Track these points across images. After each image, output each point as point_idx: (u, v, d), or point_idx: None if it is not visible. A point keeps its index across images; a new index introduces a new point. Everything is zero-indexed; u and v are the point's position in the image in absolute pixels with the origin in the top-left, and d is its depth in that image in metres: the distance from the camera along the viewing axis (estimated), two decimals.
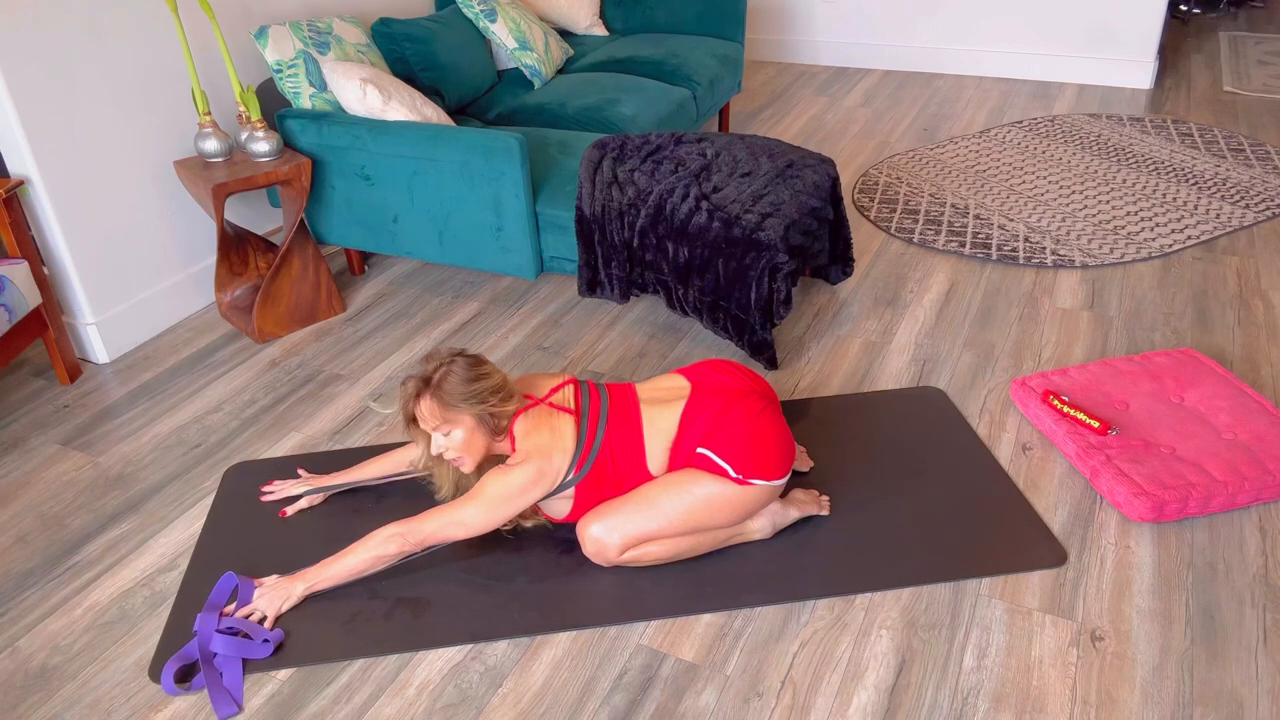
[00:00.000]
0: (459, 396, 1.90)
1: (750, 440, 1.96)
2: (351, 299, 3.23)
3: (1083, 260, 3.24)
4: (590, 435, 1.99)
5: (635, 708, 1.76)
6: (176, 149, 3.02)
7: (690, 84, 3.84)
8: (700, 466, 1.98)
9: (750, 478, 1.96)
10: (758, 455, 1.96)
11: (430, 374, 1.93)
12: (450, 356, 1.95)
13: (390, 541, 1.93)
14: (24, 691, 1.85)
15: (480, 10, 3.65)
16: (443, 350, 1.98)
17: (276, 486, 2.31)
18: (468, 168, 2.82)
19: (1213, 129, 4.33)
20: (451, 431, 1.92)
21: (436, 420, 1.91)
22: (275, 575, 2.03)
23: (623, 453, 2.00)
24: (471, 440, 1.94)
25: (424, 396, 1.92)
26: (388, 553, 1.94)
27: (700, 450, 1.97)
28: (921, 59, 5.37)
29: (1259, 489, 2.13)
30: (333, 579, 1.97)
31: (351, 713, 1.77)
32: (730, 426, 1.97)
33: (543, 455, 1.94)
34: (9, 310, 2.50)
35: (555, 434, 1.97)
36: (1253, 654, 1.82)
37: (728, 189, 2.71)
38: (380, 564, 1.97)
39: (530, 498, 1.94)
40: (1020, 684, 1.78)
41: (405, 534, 1.93)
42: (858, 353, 2.79)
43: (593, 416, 2.01)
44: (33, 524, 2.28)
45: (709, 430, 1.97)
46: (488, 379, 1.93)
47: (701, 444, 1.97)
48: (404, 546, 1.93)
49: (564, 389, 2.05)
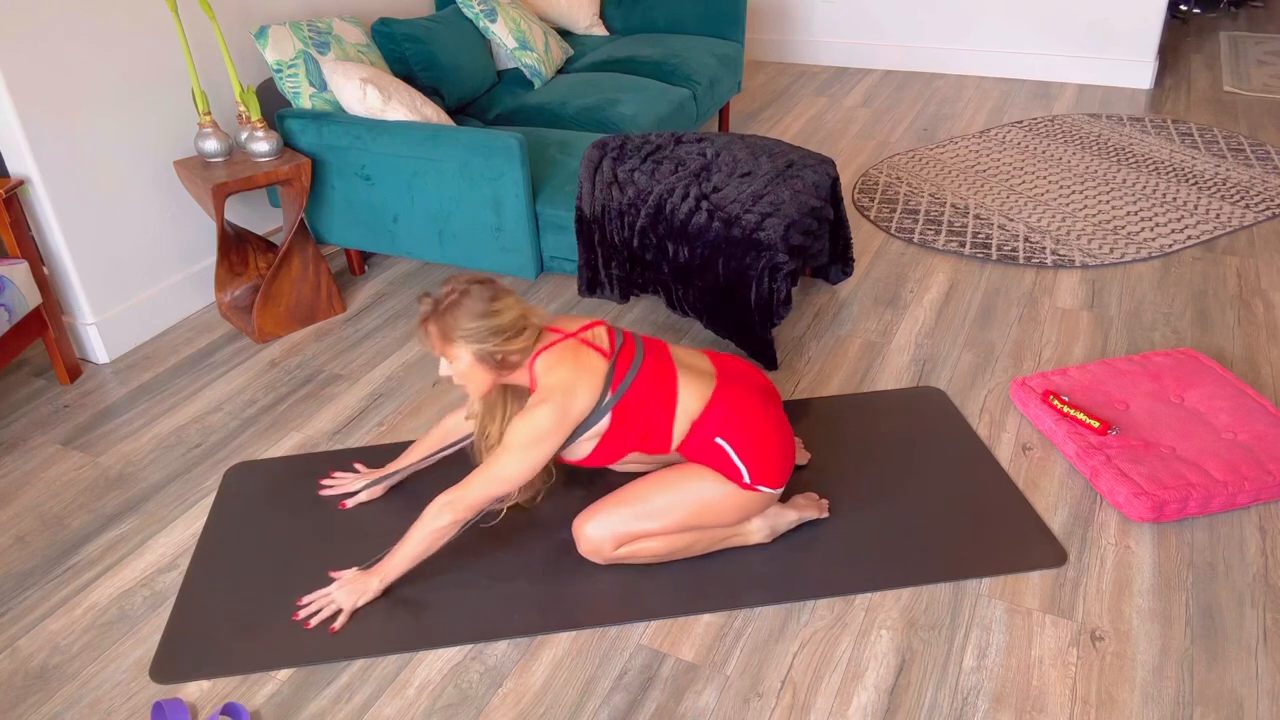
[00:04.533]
0: (458, 331, 1.84)
1: (766, 445, 1.95)
2: (351, 299, 3.23)
3: (1083, 260, 3.24)
4: (621, 373, 1.92)
5: (635, 708, 1.76)
6: (176, 149, 3.02)
7: (690, 84, 3.84)
8: (709, 458, 1.96)
9: (757, 483, 1.96)
10: (771, 461, 1.96)
11: (440, 299, 1.86)
12: (467, 285, 1.87)
13: (442, 514, 1.90)
14: (24, 691, 1.85)
15: (480, 10, 3.65)
16: (463, 277, 1.89)
17: (336, 480, 2.31)
18: (467, 168, 2.82)
19: (1213, 129, 4.33)
20: (454, 361, 1.88)
21: (438, 348, 1.88)
22: (354, 568, 2.04)
23: (654, 402, 1.94)
24: (471, 373, 1.89)
25: (430, 321, 1.87)
26: (442, 525, 1.90)
27: (718, 440, 1.94)
28: (921, 59, 5.37)
29: (1259, 489, 2.13)
30: (402, 567, 1.96)
31: (351, 713, 1.77)
32: (751, 427, 1.95)
33: (564, 393, 1.87)
34: (9, 310, 2.50)
35: (580, 370, 1.89)
36: (1253, 654, 1.82)
37: (728, 189, 2.71)
38: (442, 538, 1.93)
39: (557, 440, 1.87)
40: (1020, 684, 1.78)
41: (453, 502, 1.89)
42: (858, 353, 2.79)
43: (625, 356, 1.95)
44: (33, 524, 2.28)
45: (729, 423, 1.95)
46: (496, 317, 1.85)
47: (720, 434, 1.94)
48: (456, 515, 1.89)
49: (596, 328, 1.99)
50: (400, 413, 2.61)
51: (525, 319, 1.90)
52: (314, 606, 1.97)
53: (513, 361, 1.90)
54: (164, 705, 1.77)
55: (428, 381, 2.74)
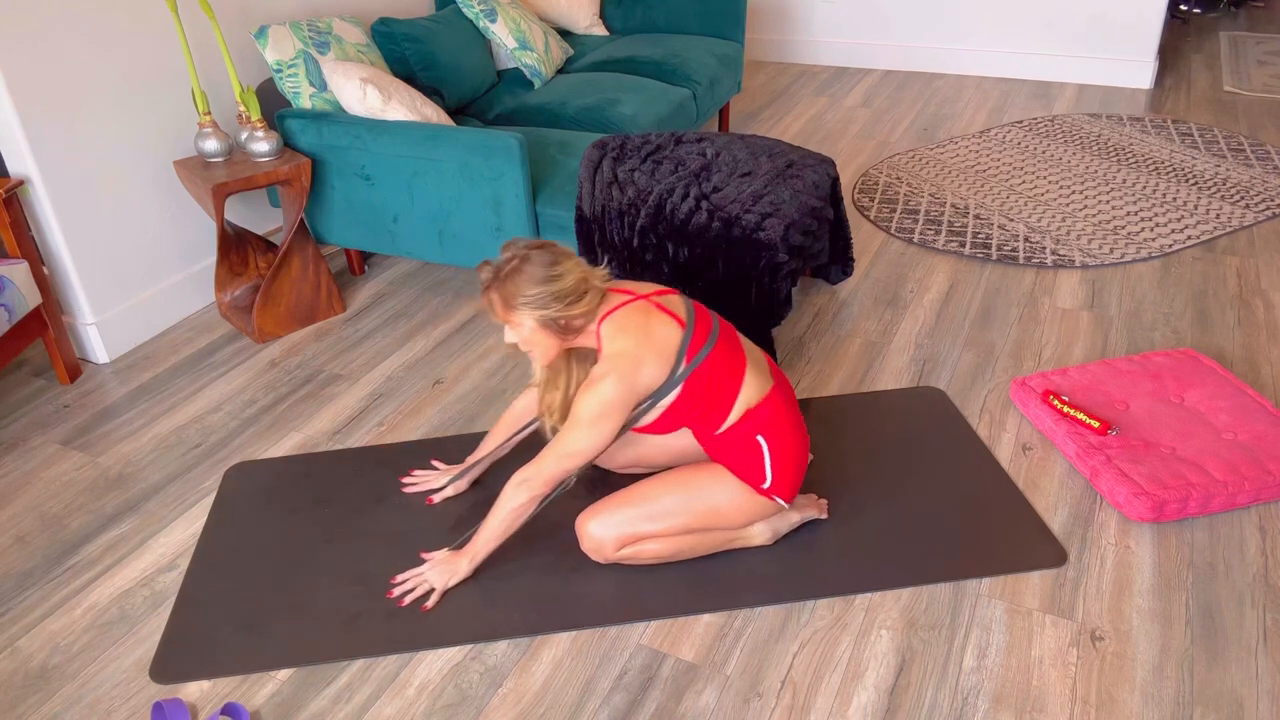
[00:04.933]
0: (520, 298, 1.81)
1: (795, 457, 1.97)
2: (351, 299, 3.23)
3: (1083, 260, 3.24)
4: (697, 344, 1.89)
5: (635, 708, 1.76)
6: (176, 149, 3.02)
7: (690, 84, 3.83)
8: (740, 454, 1.94)
9: (773, 491, 1.97)
10: (791, 474, 1.98)
11: (500, 266, 1.83)
12: (527, 250, 1.83)
13: (519, 491, 1.89)
14: (24, 691, 1.85)
15: (480, 10, 3.65)
16: (522, 242, 1.86)
17: (418, 478, 2.31)
18: (467, 168, 2.82)
19: (1213, 129, 4.33)
20: (517, 328, 1.86)
21: (500, 315, 1.86)
22: (445, 549, 2.06)
23: (724, 380, 1.91)
24: (535, 339, 1.87)
25: (491, 289, 1.84)
26: (520, 502, 1.90)
27: (759, 438, 1.93)
28: (921, 59, 5.37)
29: (1259, 489, 2.13)
30: (489, 547, 1.97)
31: (351, 713, 1.77)
32: (788, 435, 1.96)
33: (631, 363, 1.83)
34: (9, 310, 2.50)
35: (648, 338, 1.85)
36: (1253, 654, 1.82)
37: (728, 189, 2.71)
38: (522, 515, 1.93)
39: (624, 412, 1.85)
40: (1020, 684, 1.78)
41: (528, 480, 1.89)
42: (858, 353, 2.79)
43: (701, 328, 1.92)
44: (33, 524, 2.28)
45: (774, 425, 1.94)
46: (558, 281, 1.81)
47: (764, 433, 1.94)
48: (533, 492, 1.89)
49: (670, 295, 1.95)
50: (400, 413, 2.61)
51: (587, 282, 1.86)
52: (407, 585, 2.00)
53: (577, 326, 1.86)
54: (164, 705, 1.77)
55: (428, 381, 2.74)
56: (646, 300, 1.91)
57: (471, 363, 2.83)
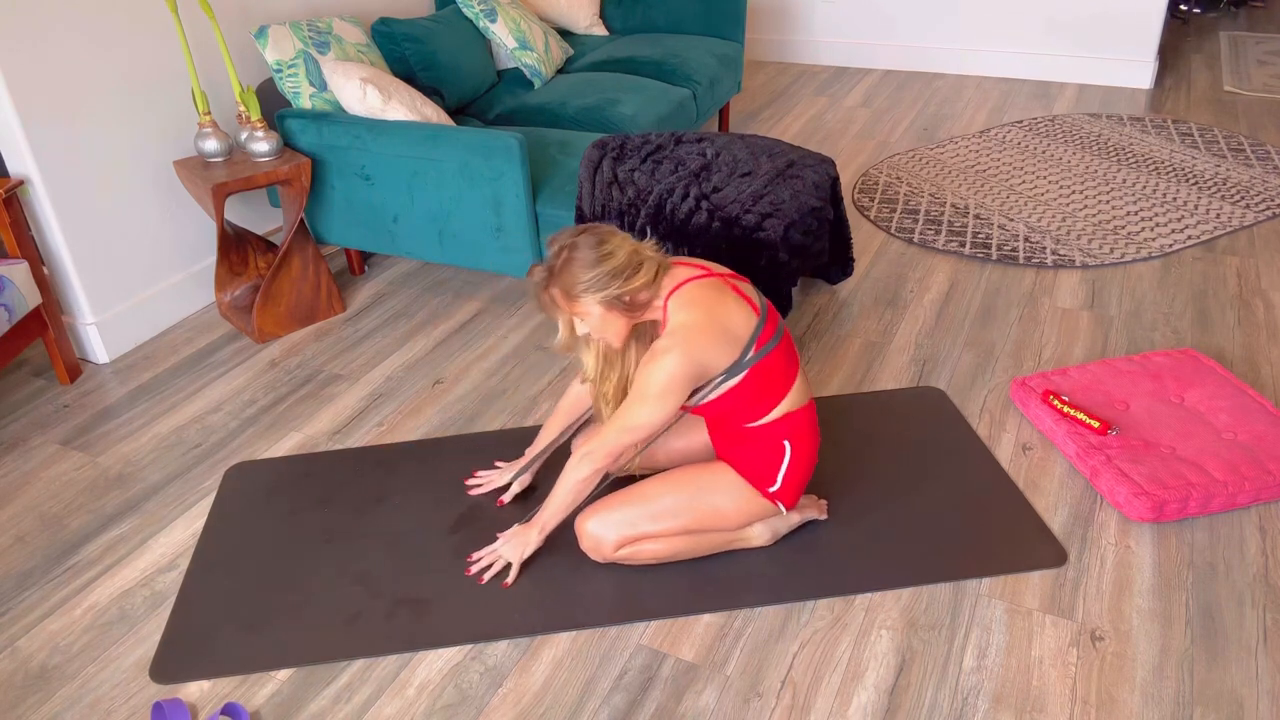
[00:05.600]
0: (580, 286, 1.80)
1: (807, 470, 2.00)
2: (351, 299, 3.23)
3: (1083, 260, 3.24)
4: (767, 334, 1.89)
5: (635, 708, 1.76)
6: (176, 149, 3.02)
7: (690, 84, 3.83)
8: (759, 454, 1.95)
9: (779, 497, 1.98)
10: (798, 485, 1.99)
11: (552, 261, 1.83)
12: (572, 238, 1.83)
13: (583, 464, 1.90)
14: (24, 691, 1.85)
15: (480, 10, 3.65)
16: (565, 232, 1.86)
17: (481, 478, 2.32)
18: (467, 168, 2.82)
19: (1213, 129, 4.33)
20: (585, 317, 1.85)
21: (566, 309, 1.85)
22: (516, 524, 2.07)
23: (778, 376, 1.91)
24: (606, 323, 1.85)
25: (549, 287, 1.84)
26: (584, 475, 1.91)
27: (785, 442, 1.94)
28: (921, 59, 5.37)
29: (1259, 489, 2.13)
30: (556, 518, 1.98)
31: (351, 713, 1.77)
32: (809, 449, 1.98)
33: (695, 337, 1.81)
34: (9, 310, 2.50)
35: (717, 315, 1.84)
36: (1253, 654, 1.82)
37: (728, 189, 2.71)
38: (587, 488, 1.94)
39: (686, 389, 1.83)
40: (1020, 684, 1.78)
41: (591, 453, 1.89)
42: (858, 353, 2.79)
43: (772, 319, 1.92)
44: (33, 524, 2.28)
45: (802, 434, 1.96)
46: (610, 260, 1.81)
47: (791, 439, 1.95)
48: (596, 465, 1.89)
49: (746, 282, 1.94)
50: (400, 413, 2.61)
51: (639, 254, 1.86)
52: (484, 562, 2.02)
53: (642, 300, 1.85)
54: (164, 705, 1.77)
55: (428, 381, 2.74)
56: (720, 279, 1.91)
57: (471, 363, 2.83)
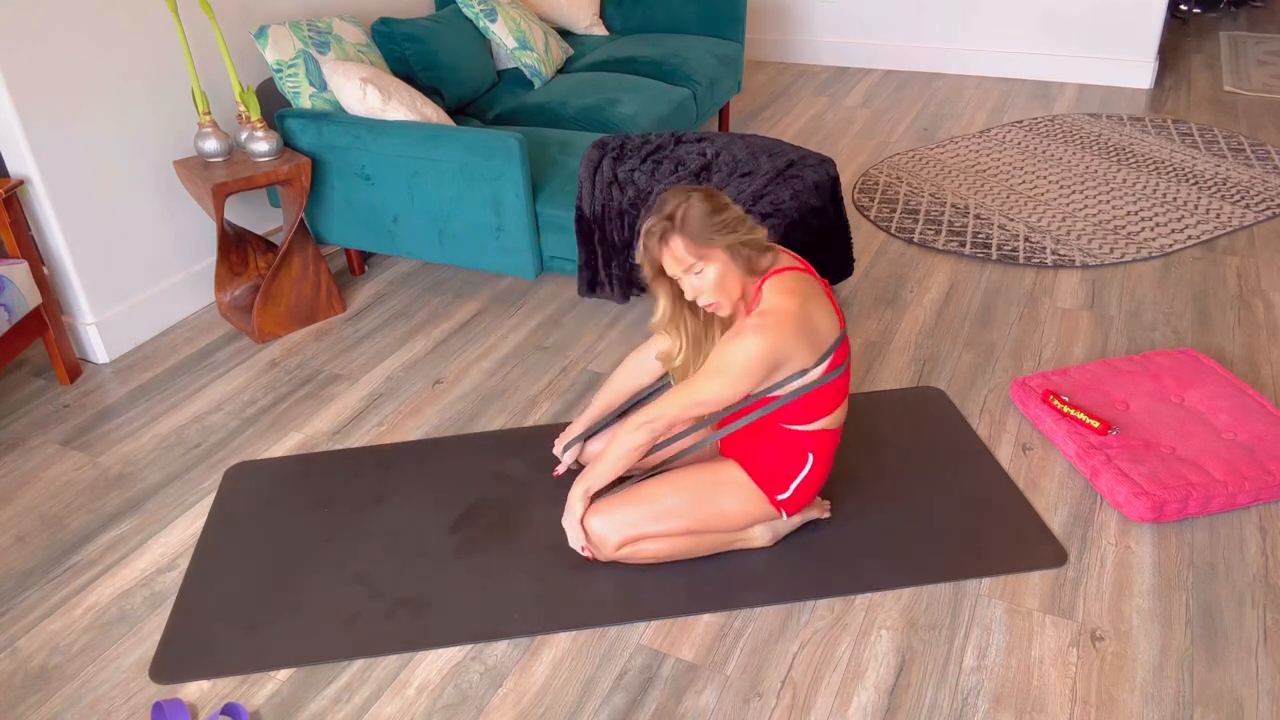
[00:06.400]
0: (710, 228, 1.77)
1: (817, 486, 2.01)
2: (351, 299, 3.23)
3: (1083, 260, 3.24)
4: (843, 353, 1.90)
5: (635, 708, 1.76)
6: (176, 149, 3.02)
7: (690, 84, 3.83)
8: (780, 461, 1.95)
9: (784, 505, 1.99)
10: (806, 499, 2.01)
11: (673, 212, 1.79)
12: (685, 193, 1.81)
13: (639, 431, 1.89)
14: (24, 691, 1.85)
15: (480, 10, 3.65)
16: (673, 191, 1.84)
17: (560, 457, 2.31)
18: (467, 168, 2.82)
19: (1213, 129, 4.33)
20: (705, 269, 1.80)
21: (689, 259, 1.79)
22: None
23: (834, 393, 1.92)
24: (725, 278, 1.82)
25: (671, 236, 1.79)
26: (639, 442, 1.90)
27: (809, 454, 1.96)
28: (921, 59, 5.37)
29: (1259, 489, 2.13)
30: (601, 480, 1.97)
31: (351, 713, 1.77)
32: (826, 468, 2.00)
33: (784, 323, 1.78)
34: (9, 310, 2.50)
35: (806, 311, 1.82)
36: (1253, 654, 1.82)
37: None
38: (638, 453, 1.93)
39: (761, 373, 1.81)
40: (1020, 684, 1.78)
41: (651, 421, 1.88)
42: (858, 353, 2.79)
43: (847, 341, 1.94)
44: (33, 524, 2.28)
45: (826, 452, 1.98)
46: (730, 209, 1.81)
47: (816, 453, 1.96)
48: (653, 433, 1.89)
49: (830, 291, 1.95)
50: (400, 413, 2.61)
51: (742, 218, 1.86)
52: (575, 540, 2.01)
53: (757, 265, 1.83)
54: (164, 705, 1.77)
55: (428, 381, 2.74)
56: (817, 279, 1.91)
57: (471, 363, 2.83)
